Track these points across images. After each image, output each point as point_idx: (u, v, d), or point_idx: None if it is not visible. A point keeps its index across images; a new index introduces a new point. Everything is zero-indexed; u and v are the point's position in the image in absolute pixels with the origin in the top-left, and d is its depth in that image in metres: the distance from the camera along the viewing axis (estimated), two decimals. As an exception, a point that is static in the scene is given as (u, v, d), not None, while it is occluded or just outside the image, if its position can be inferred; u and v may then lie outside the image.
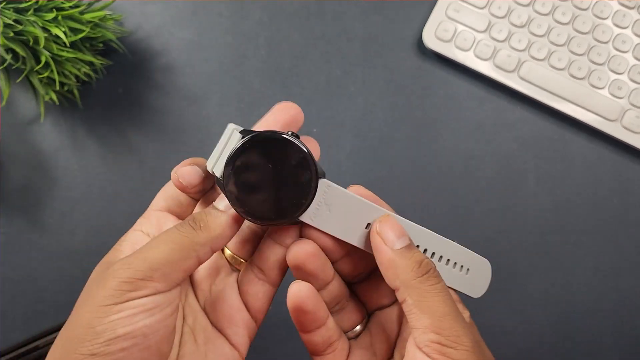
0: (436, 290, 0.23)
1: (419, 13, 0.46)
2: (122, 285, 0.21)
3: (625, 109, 0.44)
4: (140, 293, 0.22)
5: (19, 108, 0.45)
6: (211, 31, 0.46)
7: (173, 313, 0.23)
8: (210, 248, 0.23)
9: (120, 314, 0.21)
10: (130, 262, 0.22)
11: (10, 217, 0.44)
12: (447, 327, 0.22)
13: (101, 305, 0.21)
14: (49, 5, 0.37)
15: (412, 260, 0.24)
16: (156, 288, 0.22)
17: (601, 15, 0.44)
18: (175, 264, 0.22)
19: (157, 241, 0.23)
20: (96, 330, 0.21)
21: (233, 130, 0.24)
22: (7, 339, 0.42)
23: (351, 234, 0.25)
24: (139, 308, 0.21)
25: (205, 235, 0.23)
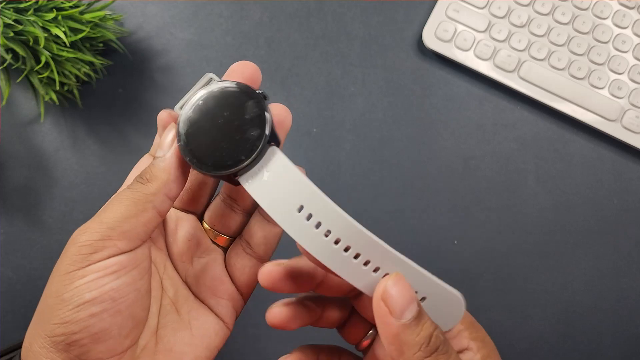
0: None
1: (419, 13, 0.46)
2: (81, 249, 0.21)
3: (625, 109, 0.44)
4: (102, 254, 0.21)
5: (19, 108, 0.45)
6: (211, 31, 0.46)
7: (143, 276, 0.23)
8: (165, 195, 0.23)
9: (85, 279, 0.21)
10: (87, 226, 0.22)
11: (10, 217, 0.44)
12: None
13: (65, 273, 0.21)
14: (49, 5, 0.37)
15: (422, 336, 0.21)
16: (117, 247, 0.22)
17: (601, 15, 0.44)
18: (132, 219, 0.22)
19: (110, 203, 0.23)
20: (63, 298, 0.21)
21: (210, 79, 0.24)
22: (7, 339, 0.42)
23: (281, 212, 0.22)
24: (103, 271, 0.21)
25: (155, 185, 0.22)
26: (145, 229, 0.22)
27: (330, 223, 0.21)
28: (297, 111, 0.45)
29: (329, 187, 0.44)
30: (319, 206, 0.22)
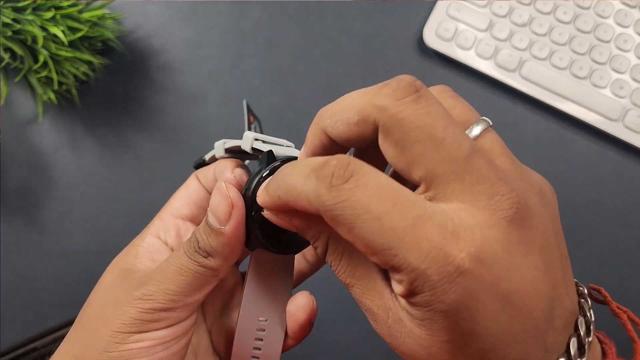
0: None
1: (419, 12, 0.46)
2: (143, 316, 0.21)
3: (627, 109, 0.43)
4: (161, 324, 0.21)
5: (18, 107, 0.44)
6: (211, 30, 0.46)
7: (187, 343, 0.23)
8: (227, 267, 0.22)
9: (139, 344, 0.21)
10: (151, 293, 0.21)
11: (9, 217, 0.43)
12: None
13: (120, 332, 0.21)
14: (48, 4, 0.37)
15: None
16: (178, 317, 0.22)
17: (603, 14, 0.44)
18: (196, 293, 0.22)
19: (174, 271, 0.22)
20: (112, 356, 0.21)
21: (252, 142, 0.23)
22: (6, 339, 0.42)
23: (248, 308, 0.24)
24: (159, 340, 0.21)
25: (218, 260, 0.22)
26: (204, 297, 0.23)
27: (265, 353, 0.24)
28: (297, 110, 0.45)
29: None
30: (272, 332, 0.24)
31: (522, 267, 0.16)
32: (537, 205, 0.18)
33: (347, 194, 0.16)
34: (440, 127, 0.17)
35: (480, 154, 0.17)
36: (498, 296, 0.16)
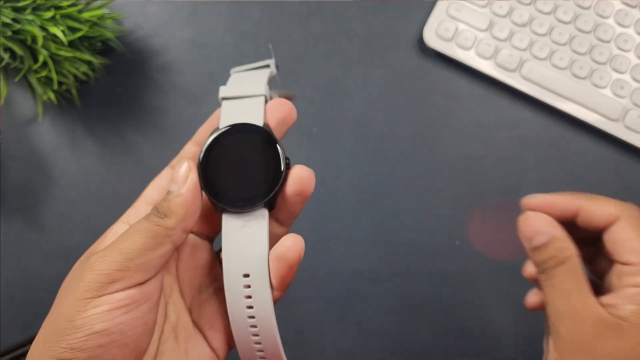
0: None
1: (419, 12, 0.46)
2: (100, 278, 0.22)
3: (627, 109, 0.43)
4: (118, 285, 0.22)
5: (17, 107, 0.44)
6: (211, 30, 0.46)
7: (151, 310, 0.23)
8: (182, 230, 0.23)
9: (98, 309, 0.21)
10: (106, 254, 0.22)
11: (8, 217, 0.43)
12: None
13: (80, 299, 0.21)
14: (47, 4, 0.37)
15: None
16: (134, 278, 0.22)
17: (603, 14, 0.44)
18: (150, 252, 0.22)
19: (130, 232, 0.23)
20: (75, 324, 0.21)
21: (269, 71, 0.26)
22: (6, 339, 0.42)
23: (230, 266, 0.24)
24: (117, 303, 0.22)
25: (173, 220, 0.23)
26: (162, 261, 0.23)
27: (258, 307, 0.24)
28: (297, 110, 0.45)
29: (329, 187, 0.44)
30: (258, 284, 0.24)
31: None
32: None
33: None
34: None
35: None
36: None
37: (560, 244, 0.25)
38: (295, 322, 0.43)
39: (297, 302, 0.43)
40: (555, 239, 0.25)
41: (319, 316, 0.43)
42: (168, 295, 0.26)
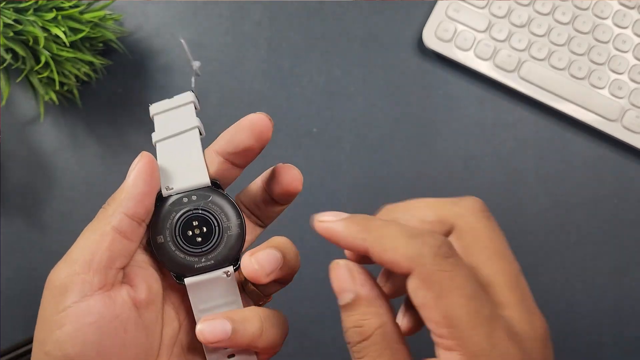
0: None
1: (419, 13, 0.46)
2: (53, 291, 0.20)
3: (625, 109, 0.44)
4: (75, 294, 0.20)
5: (19, 108, 0.45)
6: (211, 31, 0.46)
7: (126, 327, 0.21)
8: (123, 214, 0.22)
9: (64, 329, 0.20)
10: (57, 265, 0.21)
11: (10, 217, 0.43)
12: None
13: (44, 321, 0.20)
14: (49, 5, 0.37)
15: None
16: (86, 281, 0.21)
17: (601, 15, 0.44)
18: (93, 245, 0.21)
19: (77, 239, 0.22)
20: (46, 351, 0.20)
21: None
22: (6, 339, 0.42)
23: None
24: (81, 320, 0.20)
25: (112, 205, 0.22)
26: (110, 253, 0.21)
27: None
28: (297, 111, 0.45)
29: (329, 187, 0.44)
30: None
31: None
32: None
33: (448, 266, 0.19)
34: (505, 243, 0.22)
35: (523, 278, 0.21)
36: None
37: (366, 307, 0.20)
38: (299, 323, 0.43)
39: (298, 302, 0.43)
40: (359, 300, 0.20)
41: (321, 317, 0.43)
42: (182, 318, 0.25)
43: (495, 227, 0.22)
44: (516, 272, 0.21)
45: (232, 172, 0.25)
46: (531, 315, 0.20)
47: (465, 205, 0.22)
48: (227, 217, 0.24)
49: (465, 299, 0.19)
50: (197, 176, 0.24)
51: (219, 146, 0.25)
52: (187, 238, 0.24)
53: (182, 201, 0.24)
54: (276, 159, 0.45)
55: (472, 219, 0.22)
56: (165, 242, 0.24)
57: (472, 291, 0.19)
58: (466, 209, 0.22)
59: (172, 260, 0.24)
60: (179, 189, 0.24)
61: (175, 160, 0.24)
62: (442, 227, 0.22)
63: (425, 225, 0.22)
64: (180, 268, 0.24)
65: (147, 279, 0.23)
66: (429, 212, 0.22)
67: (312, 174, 0.44)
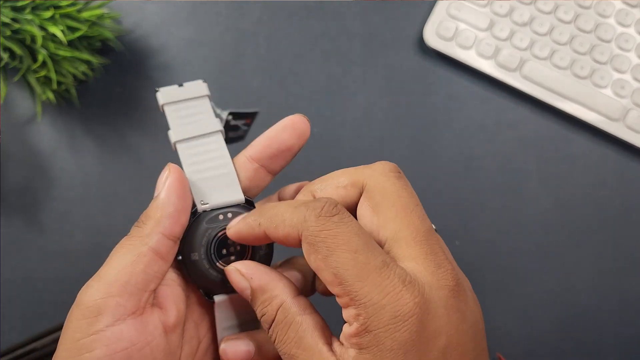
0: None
1: (420, 11, 0.46)
2: (85, 313, 0.20)
3: (628, 108, 0.43)
4: (108, 318, 0.20)
5: (16, 107, 0.44)
6: (210, 30, 0.45)
7: (155, 356, 0.21)
8: (161, 234, 0.21)
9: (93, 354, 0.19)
10: (88, 284, 0.21)
11: (8, 218, 0.43)
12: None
13: (72, 342, 0.20)
14: (47, 4, 0.37)
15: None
16: (120, 305, 0.20)
17: (604, 13, 0.44)
18: (129, 267, 0.21)
19: (111, 255, 0.21)
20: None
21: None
22: (5, 340, 0.42)
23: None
24: (112, 346, 0.19)
25: (149, 225, 0.21)
26: (145, 276, 0.21)
27: None
28: (297, 110, 0.45)
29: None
30: None
31: (460, 330, 0.20)
32: (468, 289, 0.22)
33: (332, 225, 0.19)
34: (415, 200, 0.22)
35: (435, 235, 0.21)
36: (437, 347, 0.19)
37: (262, 295, 0.21)
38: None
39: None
40: (254, 292, 0.21)
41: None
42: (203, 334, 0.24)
43: (405, 186, 0.22)
44: (425, 228, 0.21)
45: (265, 179, 0.25)
46: (438, 268, 0.20)
47: (376, 167, 0.23)
48: None
49: (350, 253, 0.19)
50: (232, 192, 0.24)
51: (255, 152, 0.25)
52: (222, 256, 0.23)
53: (219, 218, 0.23)
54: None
55: (382, 179, 0.22)
56: (199, 259, 0.23)
57: (357, 245, 0.19)
58: (376, 170, 0.22)
59: (205, 278, 0.23)
60: (214, 205, 0.23)
61: (203, 168, 0.24)
62: (355, 189, 0.22)
63: (340, 190, 0.23)
64: (212, 286, 0.23)
65: (175, 299, 0.23)
66: (342, 178, 0.23)
67: (312, 174, 0.44)
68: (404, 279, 0.19)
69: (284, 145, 0.24)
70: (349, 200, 0.22)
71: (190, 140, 0.24)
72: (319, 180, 0.24)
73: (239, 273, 0.22)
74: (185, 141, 0.24)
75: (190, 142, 0.24)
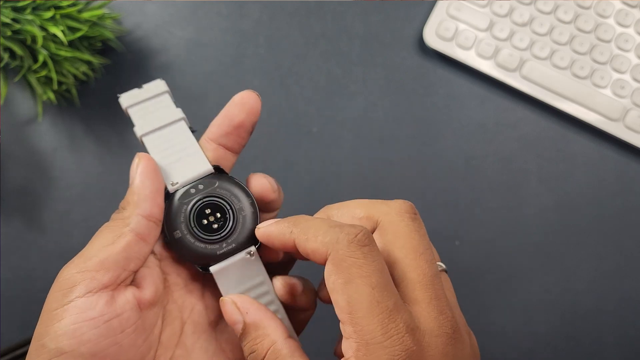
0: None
1: (419, 12, 0.46)
2: (62, 284, 0.21)
3: (627, 109, 0.43)
4: (80, 289, 0.21)
5: (17, 108, 0.44)
6: (210, 30, 0.45)
7: (124, 329, 0.21)
8: (140, 215, 0.22)
9: (63, 322, 0.20)
10: (69, 262, 0.22)
11: (8, 218, 0.43)
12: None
13: (47, 312, 0.21)
14: (47, 4, 0.37)
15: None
16: (95, 278, 0.21)
17: (603, 13, 0.44)
18: (109, 246, 0.21)
19: (92, 239, 0.22)
20: (43, 343, 0.20)
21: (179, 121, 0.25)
22: (5, 339, 0.42)
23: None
24: (80, 314, 0.20)
25: (128, 208, 0.22)
26: (126, 255, 0.22)
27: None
28: (297, 110, 0.45)
29: (329, 186, 0.44)
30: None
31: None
32: (466, 338, 0.22)
33: (360, 254, 0.20)
34: (425, 244, 0.22)
35: (440, 280, 0.22)
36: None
37: (254, 332, 0.22)
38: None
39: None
40: (247, 327, 0.22)
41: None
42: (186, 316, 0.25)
43: (418, 228, 0.23)
44: (432, 272, 0.22)
45: (228, 158, 0.26)
46: (439, 315, 0.21)
47: (393, 205, 0.23)
48: (238, 199, 0.24)
49: (369, 288, 0.20)
50: (198, 165, 0.24)
51: (211, 133, 0.25)
52: (204, 227, 0.24)
53: (190, 192, 0.24)
54: (276, 158, 0.45)
55: (396, 218, 0.22)
56: (182, 235, 0.23)
57: (378, 281, 0.20)
58: (393, 208, 0.23)
59: (194, 252, 0.24)
60: (184, 182, 0.24)
61: (169, 153, 0.24)
62: (369, 223, 0.23)
63: (354, 222, 0.23)
64: (203, 258, 0.24)
65: (155, 279, 0.23)
66: (359, 210, 0.23)
67: (312, 174, 0.44)
68: (409, 324, 0.20)
69: (235, 121, 0.25)
70: None
71: (154, 131, 0.25)
72: (336, 206, 0.24)
73: (234, 306, 0.23)
74: (150, 133, 0.25)
75: (155, 133, 0.25)
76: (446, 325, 0.21)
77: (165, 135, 0.25)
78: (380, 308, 0.19)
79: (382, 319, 0.19)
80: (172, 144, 0.24)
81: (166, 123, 0.25)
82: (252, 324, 0.22)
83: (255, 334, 0.22)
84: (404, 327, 0.20)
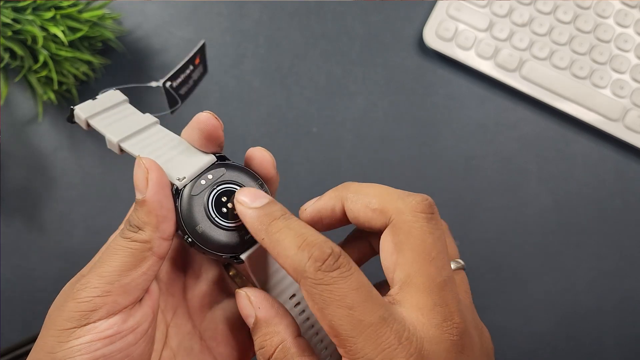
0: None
1: (419, 12, 0.46)
2: (81, 306, 0.20)
3: (627, 109, 0.43)
4: (101, 312, 0.21)
5: (17, 108, 0.44)
6: (210, 30, 0.46)
7: (138, 340, 0.22)
8: (160, 238, 0.22)
9: (80, 340, 0.20)
10: (86, 280, 0.21)
11: (8, 218, 0.43)
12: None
13: (61, 329, 0.20)
14: (48, 4, 0.37)
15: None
16: (117, 303, 0.21)
17: (603, 14, 0.44)
18: (132, 271, 0.21)
19: (108, 254, 0.21)
20: (55, 357, 0.20)
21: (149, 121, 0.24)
22: (6, 339, 0.42)
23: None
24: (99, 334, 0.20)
25: (148, 231, 0.21)
26: (146, 277, 0.22)
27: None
28: (297, 110, 0.45)
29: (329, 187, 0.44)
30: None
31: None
32: (477, 340, 0.21)
33: (329, 280, 0.19)
34: (438, 247, 0.21)
35: (451, 285, 0.21)
36: None
37: (265, 328, 0.22)
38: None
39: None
40: (258, 322, 0.22)
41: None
42: (170, 318, 0.25)
43: (433, 230, 0.21)
44: (441, 278, 0.21)
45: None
46: (444, 321, 0.20)
47: (409, 202, 0.22)
48: (248, 182, 0.24)
49: (345, 309, 0.19)
50: (199, 157, 0.23)
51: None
52: (224, 215, 0.23)
53: (202, 184, 0.23)
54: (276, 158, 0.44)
55: (410, 218, 0.21)
56: (206, 228, 0.22)
57: (354, 301, 0.19)
58: (408, 206, 0.22)
59: (222, 243, 0.22)
60: (191, 175, 0.23)
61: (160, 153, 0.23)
62: (382, 217, 0.22)
63: (367, 211, 0.22)
64: (233, 247, 0.23)
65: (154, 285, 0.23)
66: (375, 200, 0.22)
67: (312, 174, 0.44)
68: (401, 335, 0.19)
69: (199, 144, 0.24)
70: (374, 224, 0.22)
71: (132, 136, 0.24)
72: (354, 188, 0.23)
73: (247, 300, 0.22)
74: (128, 138, 0.24)
75: (133, 137, 0.24)
76: (451, 332, 0.20)
77: (145, 138, 0.24)
78: (363, 326, 0.19)
79: (369, 335, 0.19)
80: (158, 145, 0.23)
81: (142, 127, 0.24)
82: (263, 320, 0.22)
83: (266, 330, 0.22)
84: (395, 339, 0.19)
